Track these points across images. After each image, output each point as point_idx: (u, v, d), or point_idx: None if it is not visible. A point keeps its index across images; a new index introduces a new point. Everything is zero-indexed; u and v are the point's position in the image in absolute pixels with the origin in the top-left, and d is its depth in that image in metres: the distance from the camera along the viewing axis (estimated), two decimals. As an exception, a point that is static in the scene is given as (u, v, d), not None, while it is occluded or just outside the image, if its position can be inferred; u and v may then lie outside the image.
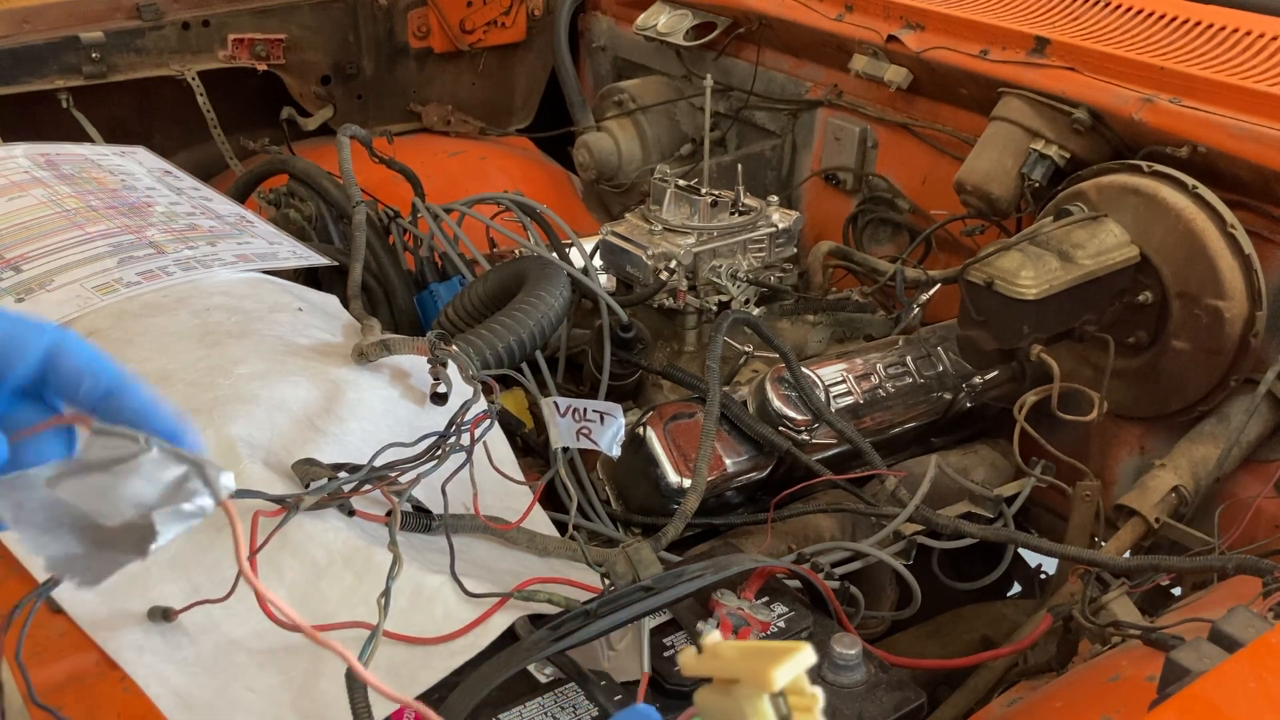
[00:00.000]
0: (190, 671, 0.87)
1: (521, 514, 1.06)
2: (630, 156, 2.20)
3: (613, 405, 1.11)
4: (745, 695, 0.54)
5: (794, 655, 0.53)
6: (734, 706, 0.54)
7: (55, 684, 0.85)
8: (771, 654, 0.53)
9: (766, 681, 0.52)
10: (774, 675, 0.52)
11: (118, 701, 0.85)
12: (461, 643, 0.90)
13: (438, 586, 0.93)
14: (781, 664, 0.53)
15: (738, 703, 0.54)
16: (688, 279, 1.65)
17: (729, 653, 0.56)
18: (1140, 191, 1.43)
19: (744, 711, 0.54)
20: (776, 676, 0.52)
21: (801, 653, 0.53)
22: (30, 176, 1.40)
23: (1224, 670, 0.72)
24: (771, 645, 0.54)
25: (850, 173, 1.96)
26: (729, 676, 0.55)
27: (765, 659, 0.53)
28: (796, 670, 0.53)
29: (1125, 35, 1.60)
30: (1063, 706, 0.93)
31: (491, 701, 0.84)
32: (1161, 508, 1.36)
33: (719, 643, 0.57)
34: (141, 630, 0.88)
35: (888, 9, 1.81)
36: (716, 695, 0.56)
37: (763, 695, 0.53)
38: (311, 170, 1.65)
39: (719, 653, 0.57)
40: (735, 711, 0.54)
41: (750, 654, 0.55)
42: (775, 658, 0.53)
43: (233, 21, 2.10)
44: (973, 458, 1.57)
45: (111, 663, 0.86)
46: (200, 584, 0.92)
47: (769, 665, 0.53)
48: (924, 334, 1.61)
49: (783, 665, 0.53)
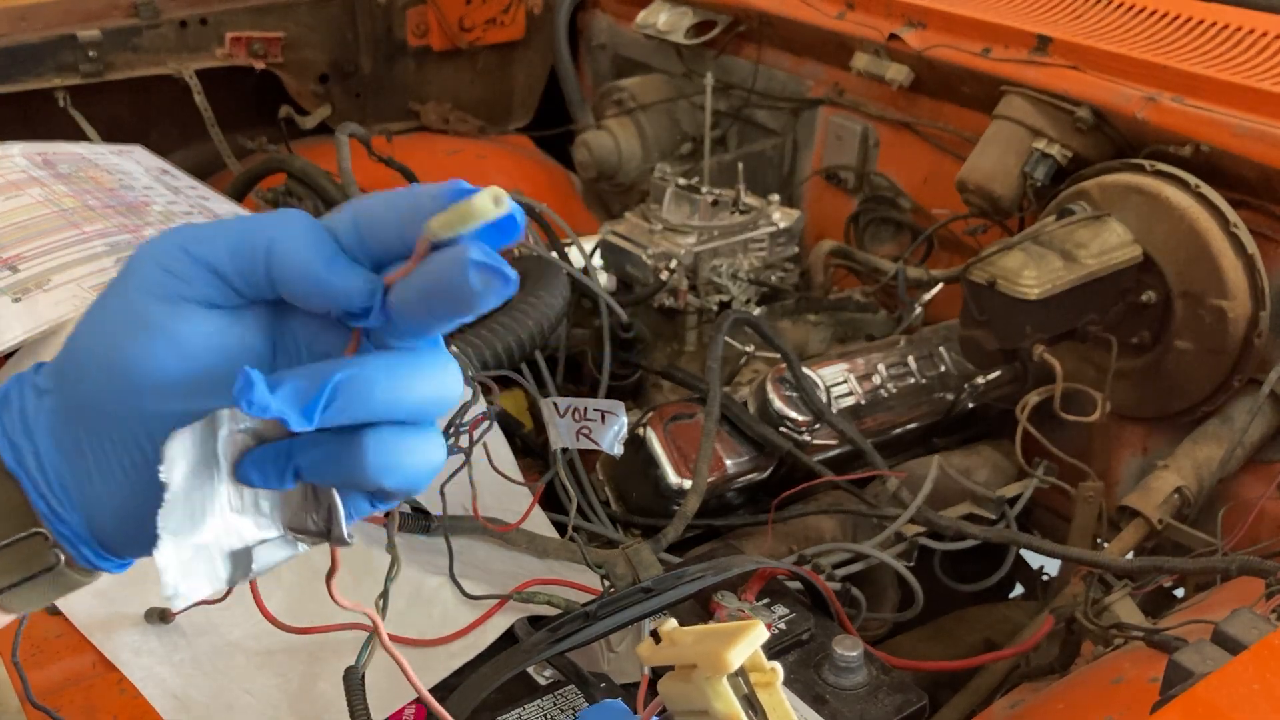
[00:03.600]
0: (187, 673, 0.86)
1: (521, 515, 1.06)
2: (630, 155, 2.19)
3: (614, 403, 1.10)
4: (705, 678, 0.54)
5: (747, 634, 0.54)
6: (695, 690, 0.55)
7: (53, 685, 0.85)
8: (725, 635, 0.54)
9: (722, 663, 0.53)
10: (729, 656, 0.53)
11: (115, 703, 0.85)
12: (461, 644, 0.90)
13: (437, 588, 0.93)
14: (735, 644, 0.53)
15: (699, 686, 0.54)
16: (688, 278, 1.64)
17: (686, 639, 0.57)
18: (1143, 191, 1.42)
19: (705, 694, 0.54)
20: (731, 657, 0.53)
21: (754, 631, 0.54)
22: (27, 175, 1.39)
23: (1227, 672, 0.72)
24: (726, 627, 0.55)
25: (852, 172, 1.95)
26: (688, 662, 0.56)
27: (719, 641, 0.54)
28: (750, 649, 0.54)
29: (1128, 34, 1.59)
30: (1065, 708, 0.93)
31: (490, 704, 0.84)
32: (1164, 509, 1.35)
33: (675, 630, 0.58)
34: (139, 632, 0.88)
35: (889, 7, 1.80)
36: (678, 682, 0.56)
37: (721, 676, 0.53)
38: (309, 169, 1.65)
39: (676, 640, 0.57)
40: (697, 695, 0.55)
41: (705, 638, 0.56)
42: (729, 639, 0.54)
43: (230, 20, 2.09)
44: (975, 458, 1.57)
45: (109, 664, 0.86)
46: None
47: (723, 646, 0.53)
48: (926, 334, 1.60)
49: (736, 645, 0.53)
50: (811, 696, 0.91)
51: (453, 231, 0.43)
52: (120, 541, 0.49)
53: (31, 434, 0.47)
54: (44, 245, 1.25)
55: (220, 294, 0.46)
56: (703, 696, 0.54)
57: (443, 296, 0.43)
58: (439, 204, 0.43)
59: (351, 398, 0.44)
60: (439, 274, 0.43)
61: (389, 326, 0.46)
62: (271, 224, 0.46)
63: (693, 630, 0.57)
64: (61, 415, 0.47)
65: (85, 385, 0.47)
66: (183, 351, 0.45)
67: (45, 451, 0.47)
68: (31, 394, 0.48)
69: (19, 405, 0.48)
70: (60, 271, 1.21)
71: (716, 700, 0.54)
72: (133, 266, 0.47)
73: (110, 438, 0.46)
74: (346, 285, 0.45)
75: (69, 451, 0.47)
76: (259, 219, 0.46)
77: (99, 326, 0.47)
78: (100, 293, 0.48)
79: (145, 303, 0.46)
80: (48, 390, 0.48)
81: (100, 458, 0.47)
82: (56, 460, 0.47)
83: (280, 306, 0.48)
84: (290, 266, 0.45)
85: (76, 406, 0.47)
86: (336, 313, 0.46)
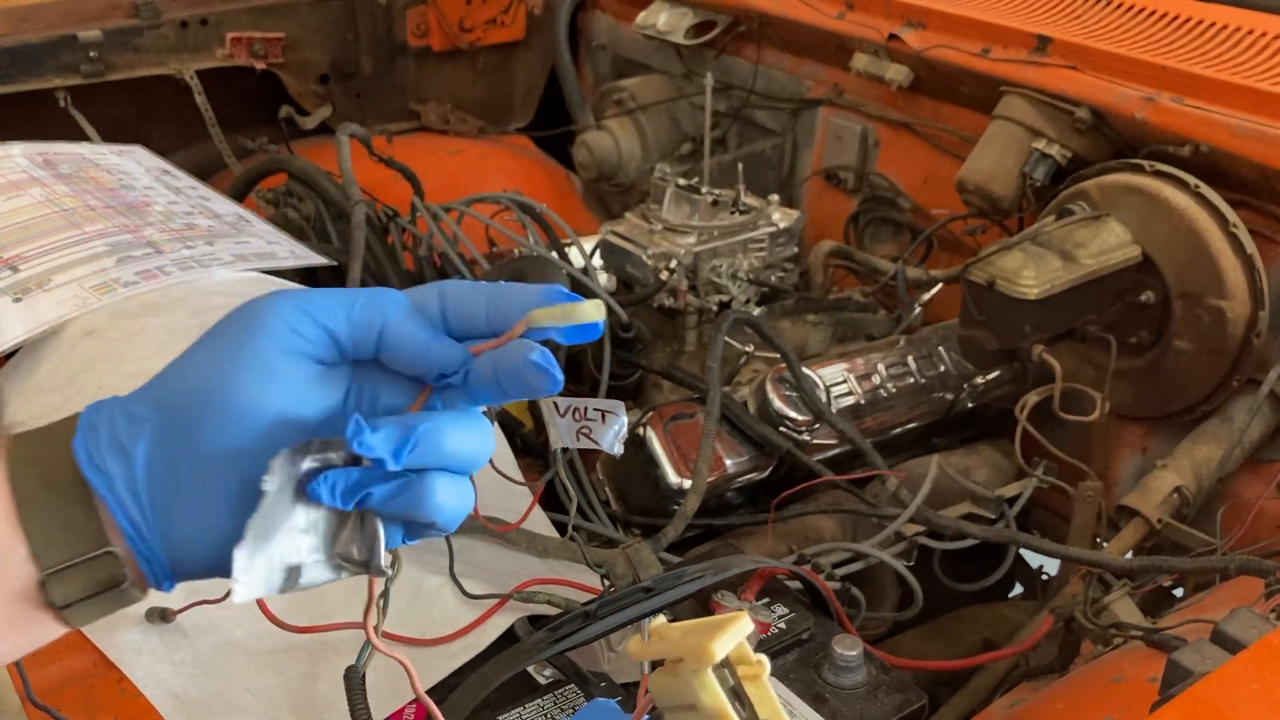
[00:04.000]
0: (188, 672, 0.86)
1: (521, 515, 1.06)
2: (630, 155, 2.19)
3: (614, 402, 1.10)
4: (692, 672, 0.54)
5: (732, 626, 0.54)
6: (683, 684, 0.55)
7: (54, 684, 0.85)
8: (710, 628, 0.54)
9: (707, 654, 0.53)
10: (713, 648, 0.53)
11: (115, 702, 0.85)
12: (461, 644, 0.90)
13: (437, 587, 0.93)
14: (719, 636, 0.53)
15: (686, 680, 0.55)
16: (688, 279, 1.65)
17: (672, 634, 0.57)
18: (1142, 191, 1.42)
19: (693, 687, 0.54)
20: (716, 649, 0.53)
21: (739, 623, 0.54)
22: (28, 175, 1.39)
23: (1226, 671, 0.72)
24: (711, 620, 0.55)
25: (851, 172, 1.95)
26: (675, 656, 0.56)
27: (705, 634, 0.54)
28: (735, 640, 0.54)
29: (1127, 34, 1.59)
30: (1064, 708, 0.93)
31: (491, 703, 0.84)
32: (1163, 508, 1.35)
33: (662, 625, 0.58)
34: (139, 631, 0.88)
35: (889, 7, 1.81)
36: (666, 676, 0.57)
37: (707, 669, 0.54)
38: (310, 169, 1.65)
39: (663, 635, 0.58)
40: (685, 689, 0.55)
41: (691, 632, 0.56)
42: (714, 631, 0.54)
43: (231, 20, 2.09)
44: (974, 458, 1.57)
45: (109, 663, 0.86)
46: (198, 584, 0.91)
47: (708, 639, 0.54)
48: (925, 334, 1.60)
49: (721, 638, 0.53)
50: (811, 696, 0.91)
51: (550, 323, 0.53)
52: (189, 562, 0.54)
53: (128, 459, 0.51)
54: (45, 245, 1.25)
55: (330, 353, 0.55)
56: (690, 690, 0.54)
57: (509, 377, 0.54)
58: (540, 301, 0.54)
59: (429, 446, 0.53)
60: (510, 360, 0.54)
61: (463, 390, 0.56)
62: (382, 302, 0.55)
63: (680, 625, 0.57)
64: (161, 442, 0.52)
65: (192, 416, 0.52)
66: (296, 397, 0.53)
67: (139, 475, 0.52)
68: (124, 421, 0.52)
69: (109, 432, 0.52)
70: (61, 271, 1.22)
71: (703, 692, 0.54)
72: (261, 320, 0.54)
73: (210, 466, 0.52)
74: (447, 356, 0.55)
75: (162, 476, 0.52)
76: (367, 297, 0.55)
77: (215, 366, 0.53)
78: (206, 335, 0.55)
79: (272, 353, 0.53)
80: (144, 419, 0.52)
81: (195, 484, 0.52)
82: (148, 483, 0.52)
83: (363, 362, 0.56)
84: (402, 339, 0.55)
85: (180, 435, 0.52)
86: (430, 375, 0.56)
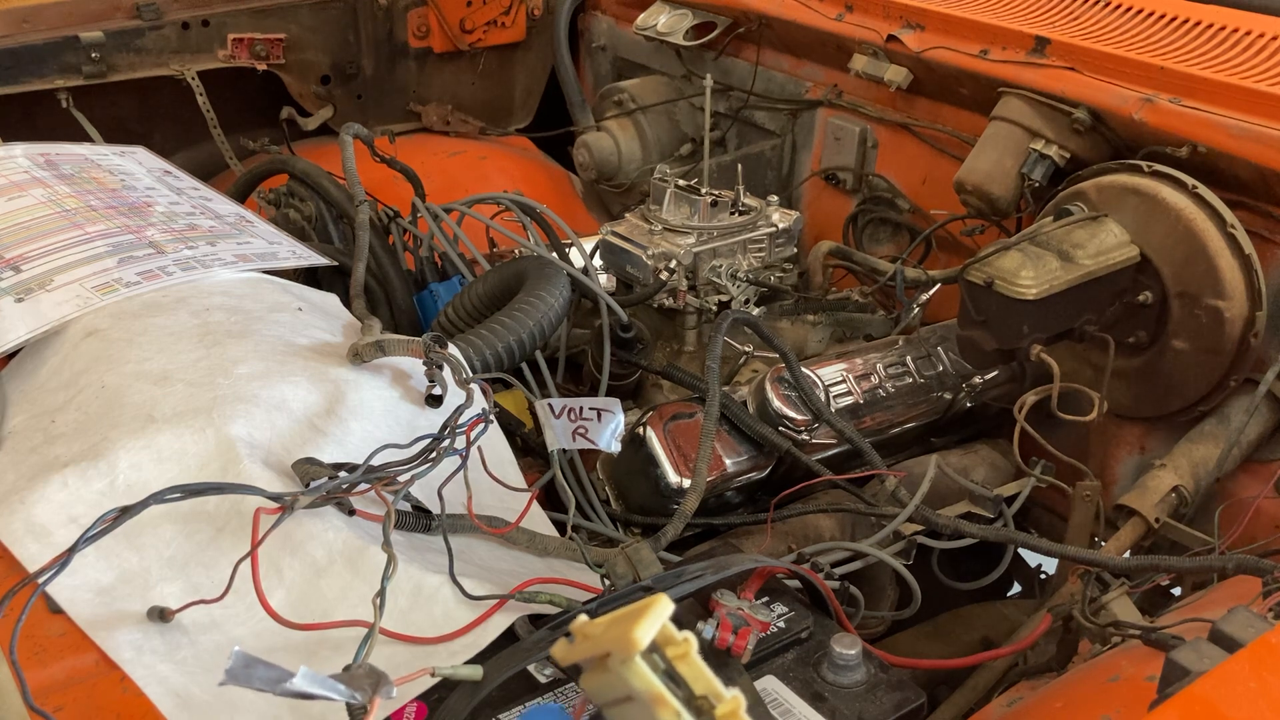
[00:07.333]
0: (189, 671, 0.86)
1: (519, 514, 1.06)
2: (630, 156, 2.19)
3: (610, 401, 1.10)
4: (621, 663, 0.54)
5: (650, 610, 0.53)
6: (615, 678, 0.54)
7: (55, 684, 0.85)
8: (630, 616, 0.54)
9: (632, 643, 0.53)
10: (636, 635, 0.52)
11: (117, 702, 0.85)
12: (461, 643, 0.90)
13: (438, 586, 0.93)
14: (641, 622, 0.53)
15: (617, 673, 0.54)
16: (688, 279, 1.65)
17: (595, 630, 0.56)
18: (1140, 191, 1.43)
19: (625, 679, 0.53)
20: (639, 635, 0.53)
21: (658, 605, 0.54)
22: (30, 176, 1.40)
23: (1224, 670, 0.72)
24: (631, 608, 0.54)
25: (850, 173, 1.96)
26: (601, 652, 0.55)
27: (626, 623, 0.53)
28: (657, 623, 0.53)
29: (1125, 35, 1.60)
30: (1063, 707, 0.93)
31: (491, 701, 0.85)
32: (1161, 508, 1.36)
33: (584, 623, 0.57)
34: (140, 630, 0.88)
35: (888, 9, 1.81)
36: (598, 673, 0.56)
37: (635, 657, 0.53)
38: (311, 170, 1.65)
39: (587, 633, 0.56)
40: (619, 683, 0.54)
41: (613, 624, 0.55)
42: (634, 619, 0.53)
43: (232, 21, 2.10)
44: (973, 458, 1.57)
45: (111, 663, 0.86)
46: (199, 583, 0.92)
47: (630, 627, 0.53)
48: (924, 334, 1.61)
49: (642, 623, 0.53)
50: (810, 694, 0.91)
51: None
52: None
53: None
54: (47, 246, 1.26)
55: None
56: (622, 682, 0.53)
57: None
58: None
59: None
60: None
61: None
62: None
63: (601, 620, 0.56)
64: None
65: None
66: None
67: None
68: None
69: None
70: (63, 272, 1.22)
71: (634, 680, 0.53)
72: None
73: None
74: None
75: None
76: None
77: None
78: None
79: None
80: None
81: None
82: None
83: None
84: None
85: None
86: None
